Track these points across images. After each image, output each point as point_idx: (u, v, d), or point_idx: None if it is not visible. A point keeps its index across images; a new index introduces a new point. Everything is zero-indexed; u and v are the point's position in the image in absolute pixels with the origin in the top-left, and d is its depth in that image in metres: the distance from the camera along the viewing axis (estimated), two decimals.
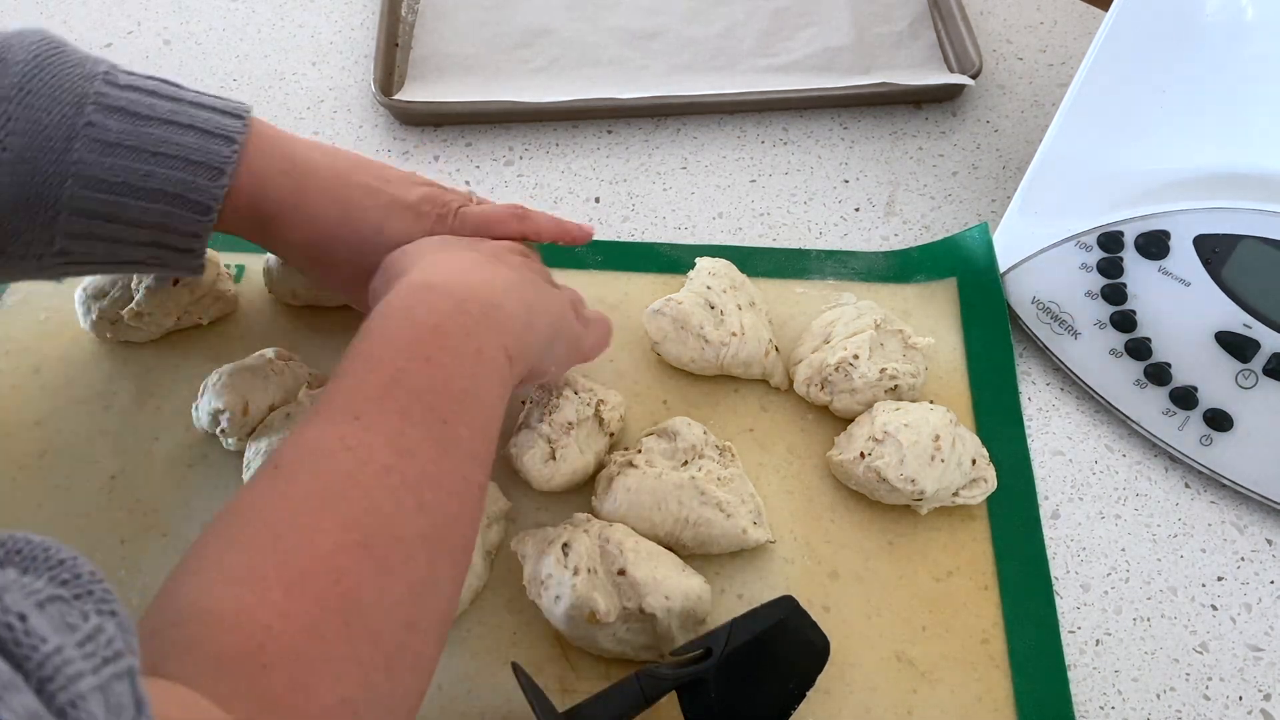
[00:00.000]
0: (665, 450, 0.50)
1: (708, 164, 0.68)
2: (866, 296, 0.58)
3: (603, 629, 0.44)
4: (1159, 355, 0.52)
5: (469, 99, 0.68)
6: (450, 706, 0.45)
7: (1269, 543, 0.51)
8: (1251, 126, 0.48)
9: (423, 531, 0.34)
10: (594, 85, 0.70)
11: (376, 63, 0.70)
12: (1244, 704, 0.46)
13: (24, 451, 0.53)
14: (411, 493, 0.34)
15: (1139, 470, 0.53)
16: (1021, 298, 0.57)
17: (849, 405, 0.52)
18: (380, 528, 0.33)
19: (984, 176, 0.67)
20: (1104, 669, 0.47)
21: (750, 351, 0.53)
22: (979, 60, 0.69)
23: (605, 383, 0.54)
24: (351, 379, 0.36)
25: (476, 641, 0.47)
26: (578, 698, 0.41)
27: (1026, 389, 0.56)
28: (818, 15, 0.74)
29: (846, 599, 0.48)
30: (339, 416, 0.35)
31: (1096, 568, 0.50)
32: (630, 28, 0.74)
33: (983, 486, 0.50)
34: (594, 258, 0.61)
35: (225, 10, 0.78)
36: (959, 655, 0.46)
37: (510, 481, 0.51)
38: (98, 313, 0.55)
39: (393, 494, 0.33)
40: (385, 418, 0.35)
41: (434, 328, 0.38)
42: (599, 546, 0.45)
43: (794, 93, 0.69)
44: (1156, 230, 0.50)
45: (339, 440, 0.34)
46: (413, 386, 0.36)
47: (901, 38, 0.73)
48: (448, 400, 0.36)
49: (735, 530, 0.47)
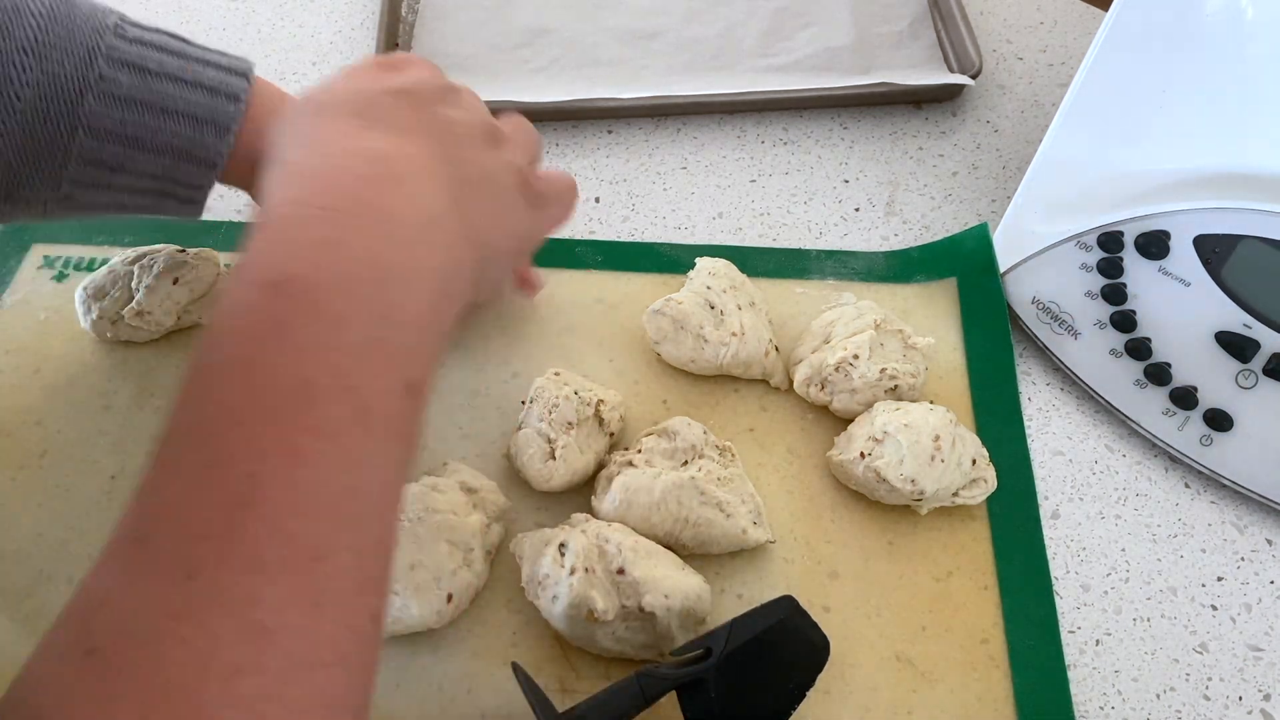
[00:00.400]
0: (665, 450, 0.50)
1: (708, 164, 0.68)
2: (866, 296, 0.58)
3: (602, 628, 0.44)
4: (1159, 355, 0.52)
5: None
6: (450, 706, 0.45)
7: (1269, 543, 0.51)
8: (1251, 126, 0.48)
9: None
10: (594, 85, 0.70)
11: None
12: (1244, 704, 0.46)
13: (24, 451, 0.53)
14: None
15: (1139, 470, 0.53)
16: (1021, 298, 0.57)
17: (849, 405, 0.52)
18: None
19: (984, 176, 0.67)
20: (1104, 669, 0.47)
21: (750, 351, 0.53)
22: (979, 60, 0.69)
23: (605, 382, 0.54)
24: (182, 487, 0.25)
25: (476, 641, 0.47)
26: (577, 698, 0.41)
27: (1026, 389, 0.56)
28: (818, 15, 0.74)
29: (846, 599, 0.48)
30: (169, 572, 0.24)
31: (1096, 568, 0.50)
32: (630, 28, 0.74)
33: (983, 487, 0.50)
34: (594, 258, 0.61)
35: (225, 10, 0.78)
36: (959, 655, 0.46)
37: (510, 481, 0.51)
38: (98, 312, 0.55)
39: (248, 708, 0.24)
40: (233, 578, 0.24)
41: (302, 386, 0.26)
42: (597, 546, 0.45)
43: (794, 93, 0.69)
44: (1156, 230, 0.50)
45: (167, 618, 0.24)
46: (271, 506, 0.25)
47: (901, 38, 0.73)
48: (321, 516, 0.26)
49: (735, 530, 0.47)
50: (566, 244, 0.62)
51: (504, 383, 0.56)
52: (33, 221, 0.49)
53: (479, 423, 0.54)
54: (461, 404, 0.55)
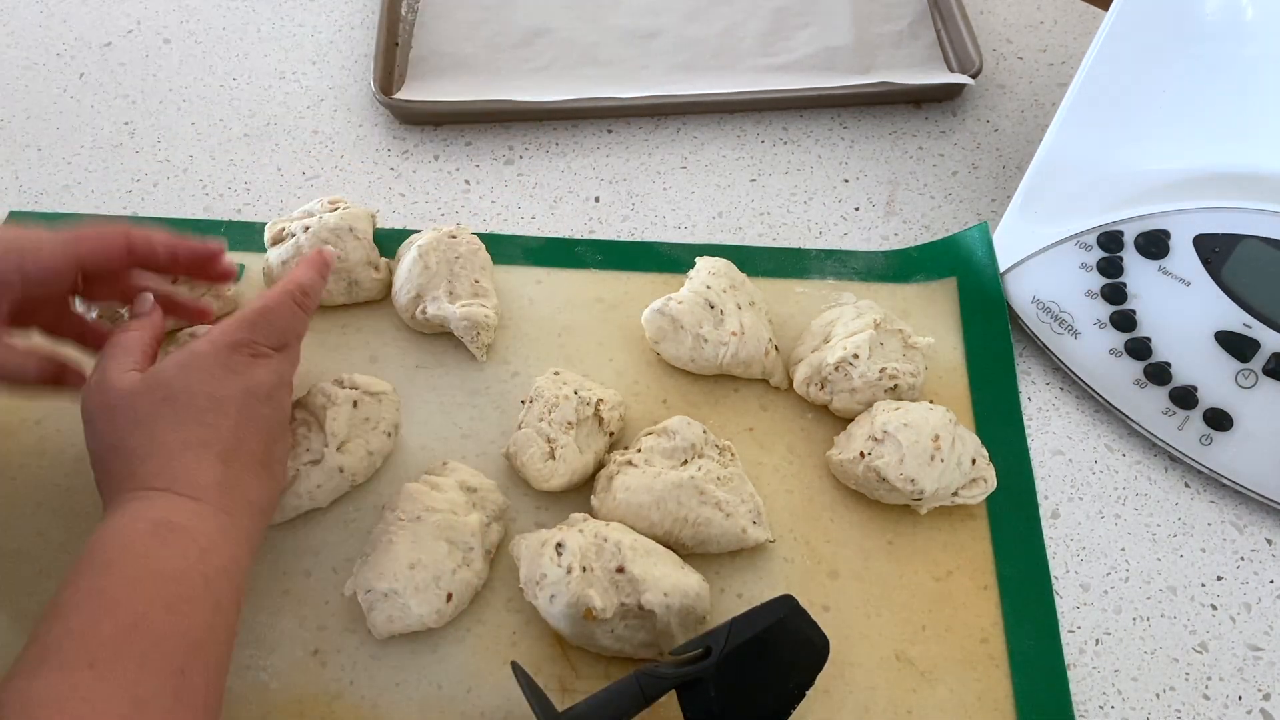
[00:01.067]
0: (665, 449, 0.50)
1: (707, 163, 0.68)
2: (866, 296, 0.58)
3: (601, 626, 0.44)
4: (1159, 355, 0.52)
5: (468, 98, 0.68)
6: (450, 706, 0.45)
7: (1269, 542, 0.51)
8: (1251, 126, 0.48)
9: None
10: (594, 85, 0.70)
11: (376, 62, 0.70)
12: (1244, 704, 0.46)
13: (24, 451, 0.53)
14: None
15: (1139, 470, 0.53)
16: (1021, 297, 0.57)
17: (848, 405, 0.52)
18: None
19: (984, 176, 0.67)
20: (1104, 668, 0.47)
21: (750, 351, 0.53)
22: (979, 60, 0.69)
23: (605, 382, 0.54)
24: (85, 618, 0.36)
25: (476, 641, 0.47)
26: (577, 697, 0.41)
27: (1026, 389, 0.56)
28: (817, 15, 0.74)
29: (846, 598, 0.48)
30: (72, 662, 0.34)
31: (1096, 567, 0.50)
32: (630, 27, 0.74)
33: (982, 486, 0.50)
34: (594, 257, 0.61)
35: (225, 10, 0.78)
36: (959, 655, 0.46)
37: (510, 481, 0.51)
38: (99, 312, 0.55)
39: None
40: (123, 666, 0.35)
41: (176, 577, 0.38)
42: (595, 545, 0.45)
43: (794, 92, 0.69)
44: (1156, 230, 0.50)
45: (71, 690, 0.34)
46: (153, 635, 0.36)
47: (901, 37, 0.73)
48: (186, 649, 0.36)
49: (735, 530, 0.47)
50: (566, 244, 0.62)
51: (504, 382, 0.56)
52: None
53: (479, 422, 0.54)
54: (461, 404, 0.55)
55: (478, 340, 0.55)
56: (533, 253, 0.61)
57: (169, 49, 0.75)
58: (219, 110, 0.71)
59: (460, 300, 0.55)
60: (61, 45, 0.75)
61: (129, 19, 0.78)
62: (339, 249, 0.56)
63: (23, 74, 0.73)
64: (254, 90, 0.72)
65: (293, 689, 0.45)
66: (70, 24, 0.77)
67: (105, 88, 0.72)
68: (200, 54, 0.75)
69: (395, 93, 0.69)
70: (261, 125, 0.70)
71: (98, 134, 0.69)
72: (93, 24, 0.77)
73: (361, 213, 0.58)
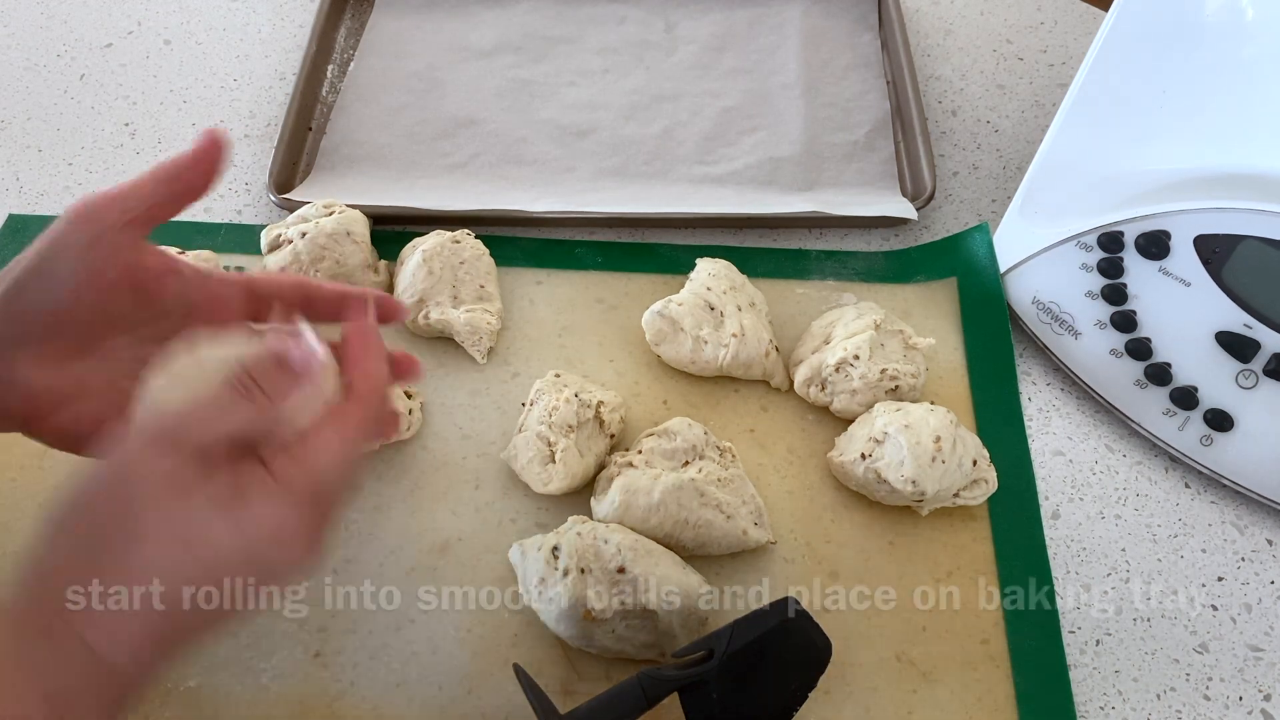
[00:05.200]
0: (665, 451, 0.50)
1: None
2: (866, 297, 0.59)
3: (601, 627, 0.44)
4: (1159, 355, 0.52)
5: (368, 202, 0.61)
6: (450, 707, 0.45)
7: (1269, 543, 0.51)
8: (1251, 126, 0.48)
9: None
10: (511, 187, 0.64)
11: (277, 154, 0.64)
12: (1244, 704, 0.46)
13: (24, 451, 0.53)
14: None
15: (1139, 470, 0.53)
16: (1021, 298, 0.57)
17: (849, 406, 0.52)
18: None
19: (984, 176, 0.67)
20: (1104, 669, 0.47)
21: (750, 352, 0.53)
22: (932, 184, 0.62)
23: (605, 383, 0.54)
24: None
25: (477, 642, 0.47)
26: (579, 699, 0.41)
27: (1026, 389, 0.56)
28: (767, 117, 0.68)
29: (847, 599, 0.48)
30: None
31: (1096, 568, 0.50)
32: (563, 122, 0.69)
33: (984, 487, 0.50)
34: (594, 258, 0.61)
35: (225, 10, 0.78)
36: (959, 655, 0.46)
37: (511, 483, 0.51)
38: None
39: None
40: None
41: None
42: (594, 546, 0.45)
43: (715, 216, 0.62)
44: (1156, 230, 0.50)
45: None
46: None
47: (855, 149, 0.67)
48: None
49: (736, 531, 0.47)
50: (566, 244, 0.62)
51: (504, 383, 0.56)
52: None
53: (479, 423, 0.54)
54: (461, 404, 0.55)
55: (480, 345, 0.55)
56: (533, 254, 0.61)
57: (170, 50, 0.75)
58: (219, 111, 0.71)
59: (464, 305, 0.55)
60: (62, 46, 0.75)
61: (129, 20, 0.78)
62: (336, 254, 0.56)
63: (23, 75, 0.73)
64: (254, 91, 0.72)
65: (293, 690, 0.45)
66: (71, 25, 0.77)
67: (106, 89, 0.72)
68: (201, 55, 0.75)
69: (299, 184, 0.65)
70: (262, 126, 0.70)
71: (98, 135, 0.69)
72: (93, 25, 0.77)
73: (358, 216, 0.58)
